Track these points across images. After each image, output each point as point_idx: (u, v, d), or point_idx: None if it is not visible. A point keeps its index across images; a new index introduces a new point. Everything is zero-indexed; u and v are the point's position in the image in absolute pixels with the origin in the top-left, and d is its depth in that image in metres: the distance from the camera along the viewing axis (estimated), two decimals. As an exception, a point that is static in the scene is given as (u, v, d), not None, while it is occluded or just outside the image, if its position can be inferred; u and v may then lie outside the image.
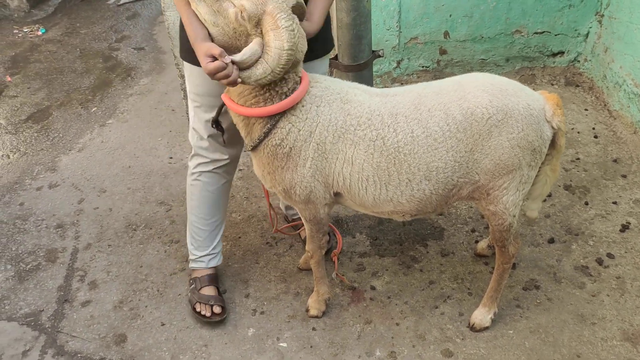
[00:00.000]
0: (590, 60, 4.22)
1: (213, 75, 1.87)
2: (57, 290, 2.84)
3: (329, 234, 2.97)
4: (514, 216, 2.24)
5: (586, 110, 4.02)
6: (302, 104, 2.07)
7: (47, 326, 2.66)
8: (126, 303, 2.75)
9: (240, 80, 1.90)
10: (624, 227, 3.02)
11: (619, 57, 3.81)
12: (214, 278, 2.76)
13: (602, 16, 4.05)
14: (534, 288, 2.71)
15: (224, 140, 2.39)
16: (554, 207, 3.18)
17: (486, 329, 2.51)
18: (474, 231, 3.04)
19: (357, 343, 2.51)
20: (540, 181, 2.32)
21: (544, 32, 4.21)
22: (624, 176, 3.38)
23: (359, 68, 2.92)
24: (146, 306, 2.73)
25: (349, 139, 2.08)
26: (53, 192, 3.50)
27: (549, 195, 3.25)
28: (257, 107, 2.05)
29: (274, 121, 2.07)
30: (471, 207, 3.14)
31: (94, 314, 2.71)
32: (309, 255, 2.51)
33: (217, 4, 1.90)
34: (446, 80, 2.21)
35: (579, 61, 4.33)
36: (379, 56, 3.09)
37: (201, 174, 2.64)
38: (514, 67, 4.38)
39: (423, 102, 2.09)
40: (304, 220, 2.38)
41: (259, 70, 1.89)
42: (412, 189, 2.13)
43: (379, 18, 4.02)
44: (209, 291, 2.70)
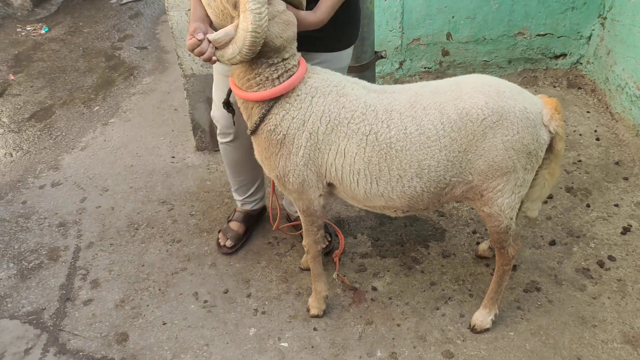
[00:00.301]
0: (593, 63, 4.22)
1: (191, 51, 1.98)
2: (59, 288, 2.84)
3: (330, 235, 2.99)
4: (510, 218, 2.24)
5: (588, 112, 4.03)
6: (297, 93, 2.12)
7: (49, 324, 2.66)
8: (128, 302, 2.76)
9: (214, 59, 1.99)
10: (625, 230, 3.02)
11: (622, 59, 3.82)
12: (245, 218, 3.06)
13: (605, 19, 4.06)
14: (535, 290, 2.72)
15: (234, 122, 2.45)
16: (556, 209, 3.19)
17: (487, 330, 2.52)
18: (475, 233, 3.05)
19: (358, 343, 2.52)
20: (538, 184, 2.31)
21: (546, 34, 4.21)
22: (625, 179, 3.39)
23: (361, 69, 2.93)
24: (148, 305, 2.74)
25: (342, 131, 2.12)
26: (56, 191, 3.51)
27: (550, 197, 3.26)
28: (251, 92, 2.12)
29: (268, 107, 2.13)
30: (472, 209, 3.15)
31: (96, 312, 2.71)
32: (305, 250, 2.53)
33: None
34: (445, 80, 2.22)
35: (581, 63, 4.33)
36: (382, 57, 3.10)
37: (220, 143, 2.83)
38: (516, 69, 4.39)
39: (419, 100, 2.10)
40: (299, 212, 2.41)
41: (229, 50, 1.96)
42: (402, 186, 2.15)
43: (381, 19, 4.03)
44: (233, 226, 3.04)
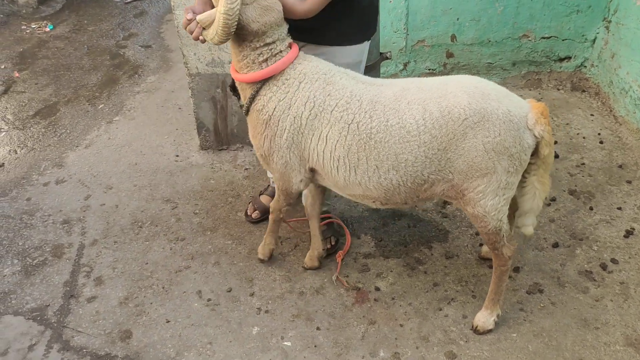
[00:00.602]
0: (597, 66, 4.23)
1: (185, 29, 2.19)
2: (63, 285, 2.85)
3: (337, 236, 2.99)
4: (499, 220, 2.25)
5: (592, 115, 4.03)
6: (285, 77, 2.22)
7: (53, 321, 2.67)
8: (131, 299, 2.77)
9: (201, 38, 2.15)
10: (628, 233, 3.03)
11: (626, 63, 3.82)
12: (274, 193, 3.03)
13: (610, 22, 4.06)
14: (538, 292, 2.72)
15: (240, 106, 2.52)
16: (559, 212, 3.19)
17: (490, 331, 2.52)
18: (478, 234, 3.05)
19: (361, 343, 2.52)
20: (528, 193, 2.30)
21: (551, 37, 4.22)
22: (629, 182, 3.39)
23: (366, 70, 2.92)
24: (151, 303, 2.74)
25: (326, 118, 2.20)
26: (60, 188, 3.52)
27: (553, 199, 3.26)
28: (241, 73, 2.27)
29: (257, 88, 2.25)
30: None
31: (100, 309, 2.72)
32: (270, 210, 2.71)
33: None
34: (435, 78, 2.26)
35: (585, 66, 4.34)
36: (387, 58, 3.11)
37: None
38: (520, 71, 4.40)
39: (405, 95, 2.15)
40: (276, 187, 2.54)
41: (210, 31, 2.11)
42: (379, 177, 2.21)
43: (386, 20, 4.04)
44: (264, 199, 3.19)
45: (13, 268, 2.96)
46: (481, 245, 2.97)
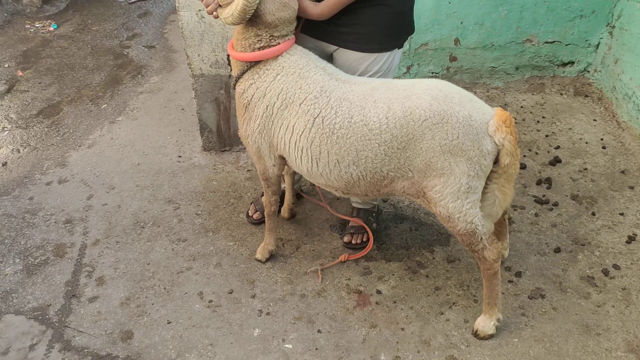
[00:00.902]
0: (600, 71, 4.23)
1: (202, 1, 2.32)
2: (65, 285, 2.85)
3: (359, 234, 3.01)
4: (468, 222, 2.26)
5: (595, 120, 4.03)
6: (267, 67, 2.33)
7: (54, 321, 2.67)
8: (133, 300, 2.77)
9: (215, 14, 2.30)
10: (630, 239, 3.02)
11: (629, 68, 3.82)
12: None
13: (613, 27, 4.06)
14: (540, 297, 2.72)
15: (229, 76, 2.63)
16: (561, 217, 3.19)
17: (491, 336, 2.51)
18: (480, 238, 3.05)
19: (362, 347, 2.52)
20: (487, 200, 2.32)
21: (554, 41, 4.22)
22: (631, 187, 3.39)
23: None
24: (153, 304, 2.74)
25: (294, 110, 2.31)
26: (62, 188, 3.52)
27: (556, 205, 3.26)
28: (234, 50, 2.39)
29: (242, 70, 2.38)
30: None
31: (101, 309, 2.72)
32: (264, 206, 2.81)
33: None
34: (406, 80, 2.33)
35: (588, 71, 4.34)
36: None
37: None
38: (523, 75, 4.40)
39: (373, 94, 2.22)
40: (258, 174, 2.68)
41: (227, 11, 2.22)
42: (339, 170, 2.31)
43: (390, 23, 4.03)
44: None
45: (15, 267, 2.96)
46: (483, 249, 2.97)
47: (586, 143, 3.80)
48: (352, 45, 2.52)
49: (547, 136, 3.89)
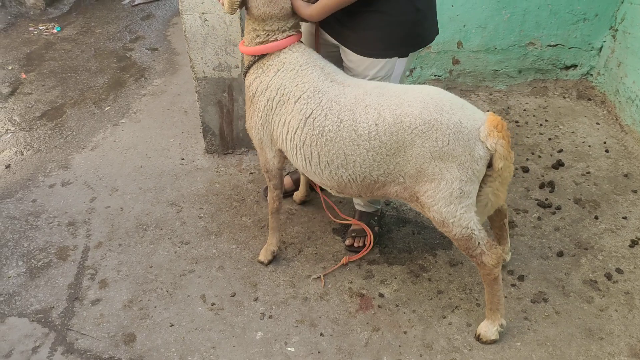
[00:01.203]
0: (603, 75, 4.23)
1: None
2: (68, 287, 2.86)
3: (361, 237, 3.02)
4: (464, 227, 2.26)
5: (598, 124, 4.03)
6: (270, 62, 2.40)
7: (57, 323, 2.68)
8: (136, 303, 2.77)
9: (221, 1, 2.38)
10: (634, 243, 3.02)
11: (632, 72, 3.82)
12: (297, 180, 3.34)
13: (617, 31, 4.06)
14: (542, 301, 2.72)
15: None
16: (564, 221, 3.19)
17: (494, 342, 2.50)
18: (483, 242, 3.05)
19: (364, 350, 2.52)
20: (481, 202, 2.32)
21: (557, 44, 4.22)
22: (634, 191, 3.38)
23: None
24: (155, 306, 2.75)
25: (290, 107, 2.36)
26: (65, 190, 3.53)
27: (559, 208, 3.26)
28: (242, 45, 2.48)
29: (250, 64, 2.47)
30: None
31: (104, 312, 2.73)
32: (268, 203, 2.83)
33: None
34: (399, 85, 2.34)
35: (591, 75, 4.33)
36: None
37: None
38: (526, 78, 4.40)
39: (364, 98, 2.23)
40: (261, 166, 2.73)
41: (225, 0, 2.33)
42: (330, 172, 2.35)
43: (393, 26, 4.03)
44: (285, 180, 3.33)
45: (18, 269, 2.97)
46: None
47: (589, 146, 3.80)
48: (352, 46, 2.55)
49: (550, 139, 3.89)
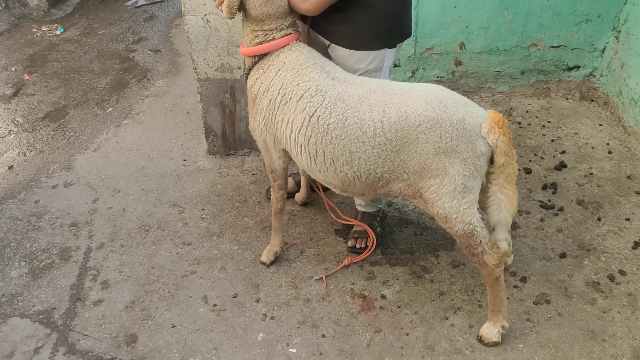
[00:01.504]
0: (606, 76, 4.22)
1: None
2: (70, 288, 2.86)
3: (363, 238, 3.02)
4: (466, 223, 2.28)
5: (600, 125, 4.02)
6: (270, 63, 2.42)
7: (59, 324, 2.68)
8: (138, 303, 2.77)
9: (220, 7, 2.40)
10: (637, 244, 3.01)
11: (636, 73, 3.81)
12: (299, 182, 3.32)
13: (619, 32, 4.05)
14: (545, 302, 2.71)
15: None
16: (567, 222, 3.18)
17: (496, 344, 2.49)
18: (485, 243, 3.04)
19: (366, 352, 2.52)
20: (492, 205, 2.32)
21: (560, 46, 4.21)
22: (637, 193, 3.37)
23: (374, 77, 2.94)
24: (157, 307, 2.75)
25: (292, 106, 2.37)
26: (68, 191, 3.53)
27: (561, 210, 3.25)
28: (241, 47, 2.51)
29: (250, 65, 2.48)
30: (482, 219, 3.13)
31: (106, 313, 2.73)
32: (272, 203, 2.83)
33: None
34: (402, 83, 2.35)
35: (594, 76, 4.33)
36: (395, 65, 3.11)
37: None
38: (529, 80, 4.39)
39: (369, 96, 2.26)
40: (266, 167, 2.74)
41: (223, 5, 2.33)
42: (335, 169, 2.37)
43: (395, 27, 4.03)
44: (289, 180, 3.28)
45: (20, 270, 2.97)
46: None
47: (592, 148, 3.79)
48: (341, 42, 2.58)
49: (552, 141, 3.88)
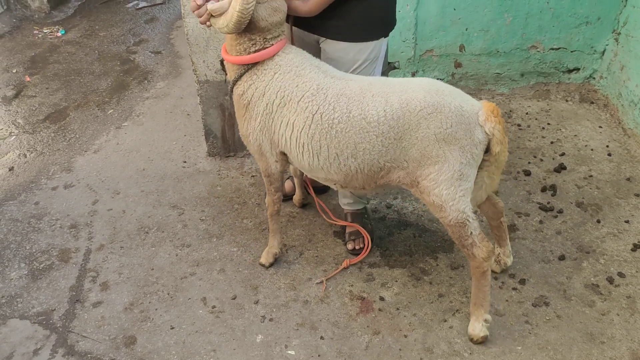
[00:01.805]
0: (606, 78, 4.21)
1: (193, 12, 2.37)
2: (69, 290, 2.87)
3: (358, 238, 3.04)
4: (460, 211, 2.32)
5: (600, 127, 4.02)
6: (264, 67, 2.41)
7: (58, 325, 2.69)
8: (137, 305, 2.78)
9: (209, 24, 2.37)
10: (636, 247, 3.01)
11: (635, 75, 3.81)
12: (298, 184, 3.31)
13: (619, 34, 4.05)
14: (544, 305, 2.71)
15: (225, 81, 2.67)
16: (566, 224, 3.18)
17: (485, 338, 2.49)
18: (484, 245, 3.04)
19: (364, 354, 2.52)
20: (476, 184, 2.41)
21: (559, 48, 4.21)
22: (637, 195, 3.37)
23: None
24: (156, 309, 2.75)
25: (293, 107, 2.39)
26: (68, 193, 3.54)
27: (560, 212, 3.25)
28: (230, 55, 2.46)
29: (240, 73, 2.46)
30: (482, 221, 3.13)
31: (105, 315, 2.73)
32: (266, 206, 2.86)
33: None
34: (399, 78, 2.44)
35: (594, 78, 4.32)
36: (395, 68, 3.12)
37: None
38: (528, 82, 4.39)
39: (370, 88, 2.33)
40: (261, 172, 2.74)
41: (220, 21, 2.30)
42: (339, 163, 2.39)
43: (395, 30, 4.03)
44: (286, 183, 3.42)
45: (20, 272, 2.98)
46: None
47: (591, 150, 3.79)
48: (338, 35, 2.60)
49: (552, 143, 3.88)
